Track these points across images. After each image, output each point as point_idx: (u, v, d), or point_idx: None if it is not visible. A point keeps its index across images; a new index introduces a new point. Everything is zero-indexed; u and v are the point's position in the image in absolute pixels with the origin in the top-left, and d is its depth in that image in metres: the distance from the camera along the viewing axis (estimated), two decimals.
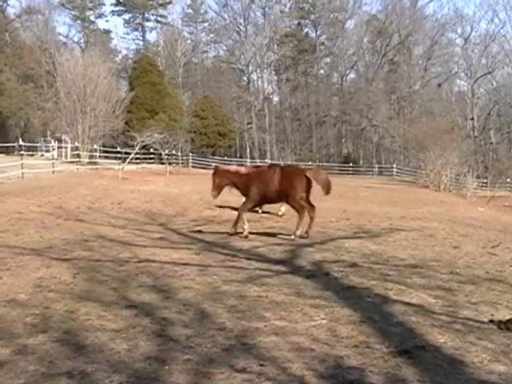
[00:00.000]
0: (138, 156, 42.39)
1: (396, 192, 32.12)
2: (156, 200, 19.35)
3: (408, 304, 6.74)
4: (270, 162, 55.51)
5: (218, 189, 12.81)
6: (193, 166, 51.19)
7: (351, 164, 63.76)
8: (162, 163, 42.42)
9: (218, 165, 22.44)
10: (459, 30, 78.75)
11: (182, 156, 53.13)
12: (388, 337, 5.48)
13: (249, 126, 76.66)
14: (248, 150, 75.65)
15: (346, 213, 17.56)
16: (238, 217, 12.58)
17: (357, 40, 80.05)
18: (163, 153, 41.20)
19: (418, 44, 78.82)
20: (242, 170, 13.34)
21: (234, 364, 4.68)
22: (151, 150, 44.61)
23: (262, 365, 4.66)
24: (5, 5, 72.16)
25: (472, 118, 73.32)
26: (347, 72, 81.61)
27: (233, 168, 13.85)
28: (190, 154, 54.12)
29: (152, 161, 48.03)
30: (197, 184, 26.83)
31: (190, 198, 20.36)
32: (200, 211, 17.14)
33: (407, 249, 11.09)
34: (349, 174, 59.00)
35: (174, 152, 46.50)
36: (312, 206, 12.44)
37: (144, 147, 31.41)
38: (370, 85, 74.81)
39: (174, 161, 49.30)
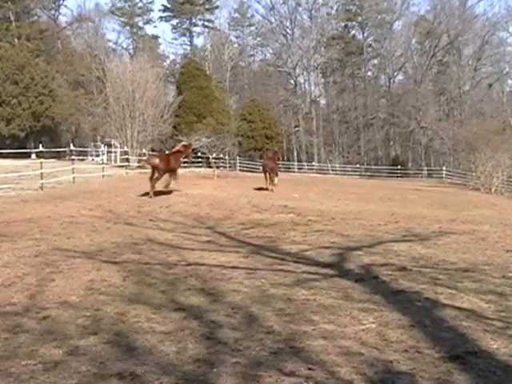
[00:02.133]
0: (186, 160, 42.81)
1: (446, 195, 31.59)
2: (204, 203, 19.44)
3: (459, 309, 6.60)
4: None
5: None
6: (240, 170, 51.42)
7: (399, 167, 62.96)
8: (210, 167, 42.73)
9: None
10: (511, 29, 77.45)
11: (229, 159, 53.46)
12: (439, 342, 5.38)
13: (296, 129, 76.54)
14: (295, 153, 75.57)
15: (395, 216, 17.34)
16: None
17: (405, 41, 79.20)
18: (211, 156, 41.43)
19: (468, 44, 77.41)
20: None
21: (282, 367, 4.67)
22: (199, 154, 44.94)
23: (310, 368, 4.65)
24: (57, 13, 74.87)
25: None
26: (395, 74, 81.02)
27: None
28: (238, 158, 54.49)
29: (200, 164, 48.22)
30: (244, 187, 26.89)
31: (238, 202, 20.39)
32: (248, 214, 17.14)
33: (458, 252, 10.86)
34: (397, 176, 58.50)
35: (221, 155, 46.78)
36: None
37: (192, 151, 31.45)
38: (418, 86, 73.88)
39: (222, 164, 49.65)
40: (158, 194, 20.88)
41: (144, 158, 33.29)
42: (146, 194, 20.80)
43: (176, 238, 12.20)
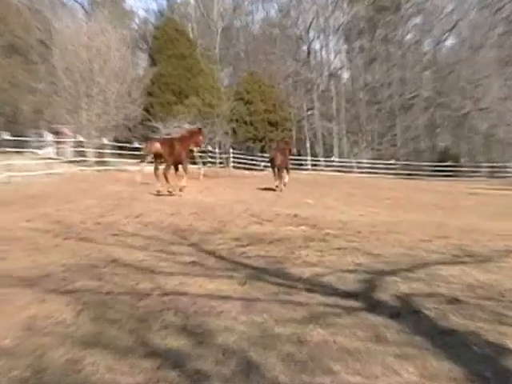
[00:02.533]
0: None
1: None
2: (186, 212, 19.47)
3: None
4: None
5: None
6: (235, 167, 51.65)
7: (449, 162, 63.22)
8: (194, 163, 42.74)
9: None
10: None
11: (220, 153, 53.57)
12: None
13: (309, 112, 76.83)
14: (308, 145, 75.58)
15: (443, 229, 17.36)
16: None
17: None
18: (195, 149, 41.33)
19: None
20: None
21: None
22: None
23: None
24: None
25: None
26: (444, 37, 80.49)
27: None
28: (231, 151, 54.57)
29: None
30: (240, 190, 26.98)
31: (232, 209, 20.43)
32: (245, 226, 17.14)
33: None
34: (446, 176, 58.69)
35: (209, 148, 46.95)
36: None
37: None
38: (476, 54, 73.56)
39: (210, 160, 49.74)
40: (122, 198, 20.94)
41: (143, 144, 33.82)
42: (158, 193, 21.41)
43: (149, 259, 12.19)
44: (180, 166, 24.15)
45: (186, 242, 14.64)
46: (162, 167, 23.38)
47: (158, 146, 22.55)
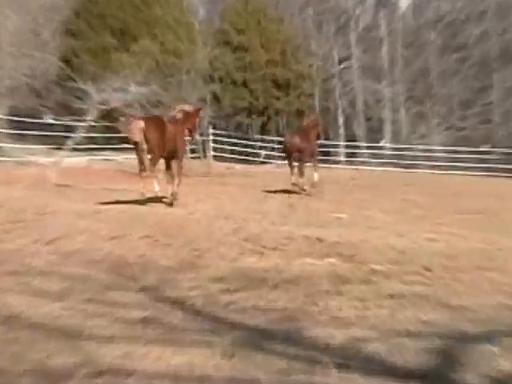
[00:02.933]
0: (93, 135, 42.82)
1: None
2: (136, 234, 19.46)
3: None
4: None
5: None
6: (216, 157, 51.76)
7: None
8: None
9: None
10: None
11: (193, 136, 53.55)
12: None
13: (343, 65, 76.80)
14: (341, 121, 75.52)
15: None
16: None
17: None
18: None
19: None
20: None
21: None
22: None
23: None
24: None
25: None
26: None
27: None
28: (211, 131, 54.33)
29: (124, 146, 47.93)
30: (226, 196, 27.04)
31: (212, 229, 20.45)
32: (234, 258, 17.07)
33: None
34: None
35: None
36: None
37: (107, 116, 31.23)
38: None
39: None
40: (25, 210, 20.93)
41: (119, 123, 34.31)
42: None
43: (71, 314, 12.10)
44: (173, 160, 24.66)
45: (134, 285, 14.51)
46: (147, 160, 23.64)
47: (141, 125, 22.75)
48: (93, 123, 37.62)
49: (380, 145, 64.82)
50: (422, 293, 13.86)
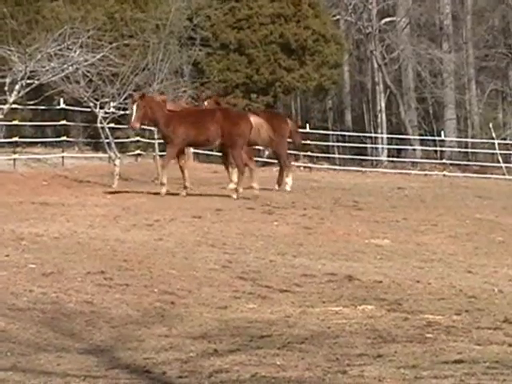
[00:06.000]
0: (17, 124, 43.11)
1: None
2: (78, 268, 19.29)
3: None
4: None
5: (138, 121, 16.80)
6: (198, 155, 52.18)
7: None
8: (101, 148, 42.88)
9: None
10: None
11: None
12: None
13: (385, 20, 76.92)
14: (382, 104, 75.27)
15: None
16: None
17: None
18: (100, 114, 41.50)
19: None
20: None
21: None
22: (63, 106, 45.19)
23: None
24: None
25: None
26: None
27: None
28: None
29: (66, 139, 48.53)
30: (209, 210, 27.06)
31: (192, 261, 20.34)
32: (223, 306, 16.90)
33: None
34: None
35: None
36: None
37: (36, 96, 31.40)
38: None
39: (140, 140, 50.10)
40: None
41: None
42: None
43: None
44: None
45: (76, 344, 14.33)
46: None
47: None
48: (16, 106, 37.51)
49: (440, 139, 64.83)
50: (502, 357, 13.65)
